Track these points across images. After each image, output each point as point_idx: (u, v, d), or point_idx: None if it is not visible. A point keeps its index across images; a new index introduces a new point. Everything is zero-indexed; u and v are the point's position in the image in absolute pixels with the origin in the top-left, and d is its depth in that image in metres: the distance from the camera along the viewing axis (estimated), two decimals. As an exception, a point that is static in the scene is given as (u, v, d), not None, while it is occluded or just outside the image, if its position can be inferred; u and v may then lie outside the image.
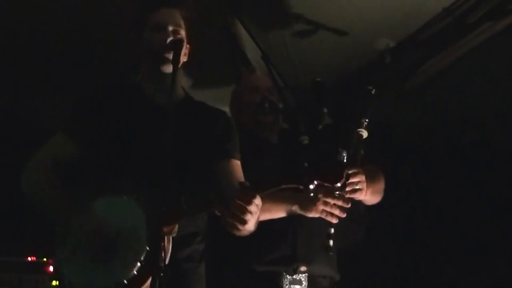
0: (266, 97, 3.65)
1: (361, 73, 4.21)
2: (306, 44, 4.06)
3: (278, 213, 3.31)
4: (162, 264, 2.49)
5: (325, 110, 3.41)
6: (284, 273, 3.36)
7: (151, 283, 2.45)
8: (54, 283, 4.14)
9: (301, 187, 2.69)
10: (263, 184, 2.68)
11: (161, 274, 2.47)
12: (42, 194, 2.92)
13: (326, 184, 2.69)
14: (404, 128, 5.15)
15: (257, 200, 2.65)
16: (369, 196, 3.39)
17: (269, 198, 3.18)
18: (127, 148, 2.91)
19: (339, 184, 2.96)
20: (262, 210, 3.13)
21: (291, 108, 4.01)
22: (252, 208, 2.64)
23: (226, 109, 3.90)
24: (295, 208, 3.29)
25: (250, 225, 2.71)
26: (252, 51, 4.19)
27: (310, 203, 3.26)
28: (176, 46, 2.90)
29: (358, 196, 3.30)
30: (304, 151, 3.44)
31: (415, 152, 5.23)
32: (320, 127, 3.41)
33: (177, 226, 2.72)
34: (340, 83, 4.36)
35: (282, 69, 4.27)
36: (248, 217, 2.65)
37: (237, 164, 3.08)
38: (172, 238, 2.71)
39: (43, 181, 2.93)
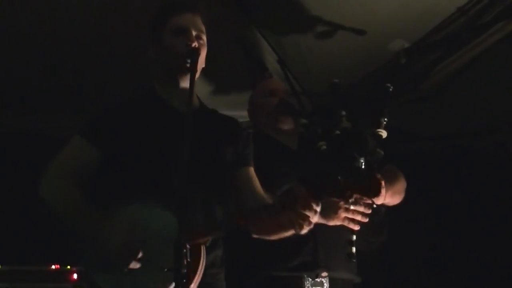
0: (284, 100, 3.67)
1: (376, 75, 4.20)
2: (321, 47, 4.07)
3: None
4: (185, 271, 2.48)
5: (343, 112, 3.40)
6: (305, 276, 3.38)
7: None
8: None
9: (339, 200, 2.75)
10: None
11: (184, 281, 2.46)
12: (62, 201, 2.85)
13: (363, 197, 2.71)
14: (417, 133, 5.13)
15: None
16: (389, 198, 3.40)
17: None
18: (148, 156, 2.88)
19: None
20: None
21: (308, 112, 4.02)
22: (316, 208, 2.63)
23: (245, 113, 3.93)
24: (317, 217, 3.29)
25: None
26: (268, 55, 4.19)
27: (332, 211, 3.25)
28: (194, 54, 2.84)
29: (377, 201, 3.29)
30: (322, 157, 3.44)
31: (427, 158, 5.21)
32: (338, 131, 3.38)
33: (211, 236, 2.74)
34: (356, 86, 4.36)
35: (298, 73, 4.28)
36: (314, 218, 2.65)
37: (253, 171, 3.09)
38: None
39: (63, 188, 2.86)
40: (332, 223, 3.26)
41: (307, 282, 3.38)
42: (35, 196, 2.88)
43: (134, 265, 2.63)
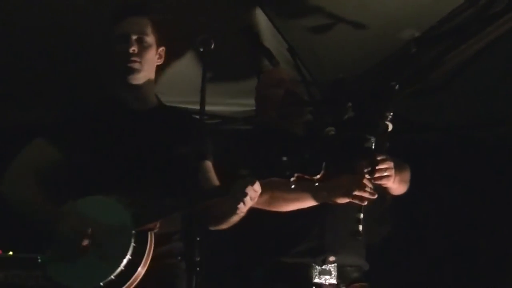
0: (291, 89, 3.68)
1: (386, 65, 4.20)
2: (331, 36, 4.07)
3: (307, 201, 3.35)
4: (198, 259, 2.51)
5: (349, 104, 3.41)
6: (313, 264, 3.39)
7: (188, 277, 2.50)
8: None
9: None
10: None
11: (197, 269, 2.50)
12: (22, 198, 3.00)
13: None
14: (424, 124, 5.14)
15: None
16: (396, 184, 3.46)
17: (297, 187, 3.22)
18: (106, 154, 3.04)
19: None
20: (291, 199, 3.20)
21: (316, 101, 4.03)
22: None
23: (252, 102, 3.94)
24: (324, 196, 3.31)
25: None
26: (277, 44, 4.19)
27: (339, 188, 3.30)
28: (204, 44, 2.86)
29: (386, 183, 3.36)
30: (331, 142, 3.47)
31: (436, 149, 5.22)
32: (347, 117, 3.41)
33: (159, 223, 2.85)
34: (364, 75, 4.36)
35: (308, 62, 4.28)
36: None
37: (210, 165, 3.25)
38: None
39: (24, 185, 3.01)
40: (340, 201, 3.31)
41: (315, 270, 3.40)
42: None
43: (84, 248, 2.76)
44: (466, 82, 4.47)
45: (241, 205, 2.76)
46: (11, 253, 4.80)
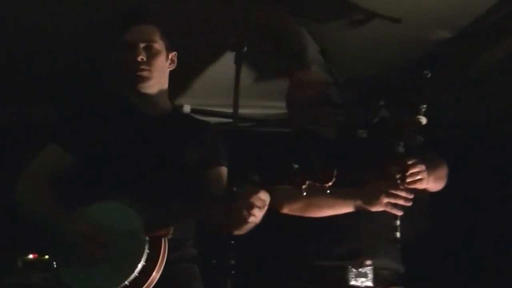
0: (322, 91, 3.68)
1: (418, 64, 4.17)
2: (362, 36, 4.06)
3: (342, 208, 3.38)
4: (233, 262, 2.52)
5: (382, 102, 3.40)
6: (349, 267, 3.38)
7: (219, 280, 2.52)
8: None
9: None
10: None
11: (232, 272, 2.51)
12: (34, 205, 3.00)
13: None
14: (460, 121, 5.09)
15: None
16: (432, 183, 3.44)
17: (332, 194, 3.22)
18: (118, 159, 3.04)
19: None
20: (326, 206, 3.21)
21: (348, 102, 4.02)
22: None
23: (283, 104, 3.95)
24: (359, 203, 3.33)
25: None
26: (309, 46, 4.19)
27: (374, 196, 3.28)
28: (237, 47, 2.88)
29: (419, 186, 3.34)
30: (362, 145, 3.46)
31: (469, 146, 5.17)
32: (377, 119, 3.40)
33: (172, 228, 2.84)
34: (395, 74, 4.34)
35: (339, 63, 4.28)
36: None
37: (223, 170, 3.23)
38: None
39: (35, 192, 3.01)
40: (374, 208, 3.32)
41: (351, 273, 3.39)
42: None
43: (97, 254, 2.77)
44: (503, 79, 4.43)
45: (246, 214, 2.74)
46: (47, 256, 4.85)
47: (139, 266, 2.73)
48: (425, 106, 3.27)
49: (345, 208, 3.37)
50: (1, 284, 4.67)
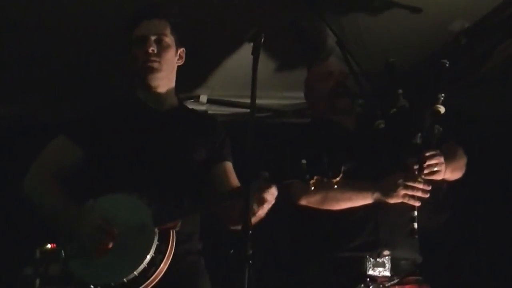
0: (340, 82, 3.70)
1: (436, 55, 4.16)
2: (380, 27, 4.07)
3: (360, 201, 3.41)
4: (250, 253, 2.53)
5: (400, 91, 3.40)
6: (367, 257, 3.40)
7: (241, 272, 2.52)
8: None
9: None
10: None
11: (250, 262, 2.51)
12: (43, 197, 3.04)
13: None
14: (478, 116, 5.07)
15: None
16: (449, 174, 3.46)
17: (350, 187, 3.25)
18: (126, 152, 3.08)
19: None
20: (344, 199, 3.23)
21: (366, 93, 4.02)
22: None
23: (302, 95, 3.95)
24: (377, 195, 3.34)
25: None
26: (327, 37, 4.19)
27: (391, 188, 3.29)
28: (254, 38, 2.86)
29: (437, 177, 3.34)
30: (381, 135, 3.46)
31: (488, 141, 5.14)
32: (395, 110, 3.40)
33: (180, 222, 2.88)
34: (415, 66, 4.33)
35: (357, 54, 4.27)
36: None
37: (230, 166, 3.28)
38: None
39: (44, 184, 3.06)
40: (392, 200, 3.35)
41: (369, 262, 3.42)
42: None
43: (107, 245, 2.81)
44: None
45: (256, 208, 2.78)
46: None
47: (148, 257, 2.77)
48: (443, 95, 3.28)
49: (363, 201, 3.39)
50: (20, 274, 4.70)
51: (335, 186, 2.77)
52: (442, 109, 3.29)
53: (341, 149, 3.47)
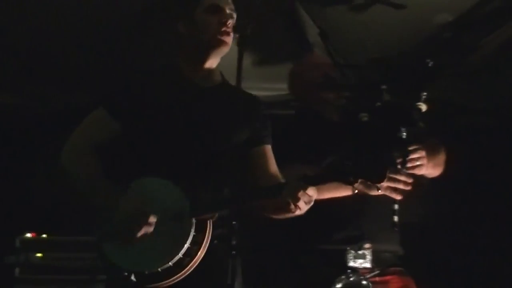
0: (325, 74, 3.70)
1: (420, 49, 4.18)
2: (363, 20, 4.07)
3: (342, 192, 3.39)
4: (234, 242, 2.54)
5: (384, 86, 3.42)
6: (348, 249, 3.44)
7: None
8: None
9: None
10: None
11: (233, 253, 2.53)
12: (84, 173, 2.98)
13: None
14: (464, 108, 5.10)
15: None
16: (430, 169, 3.49)
17: None
18: (166, 129, 2.98)
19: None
20: (325, 189, 3.25)
21: (351, 85, 4.04)
22: None
23: (285, 86, 3.96)
24: (359, 187, 3.34)
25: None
26: (309, 28, 4.20)
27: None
28: (242, 29, 2.91)
29: (419, 172, 3.38)
30: (364, 128, 3.49)
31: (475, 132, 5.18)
32: (379, 104, 3.42)
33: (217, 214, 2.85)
34: (398, 59, 4.34)
35: (340, 46, 4.29)
36: None
37: (270, 149, 3.19)
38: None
39: (85, 159, 2.99)
40: (374, 193, 3.32)
41: (350, 254, 3.44)
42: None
43: (143, 234, 2.74)
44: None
45: (292, 208, 2.75)
46: (45, 235, 4.88)
47: (184, 248, 2.73)
48: (425, 93, 3.31)
49: (344, 192, 3.40)
50: (1, 263, 4.70)
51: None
52: (423, 107, 3.32)
53: (326, 141, 3.50)
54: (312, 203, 2.78)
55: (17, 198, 5.23)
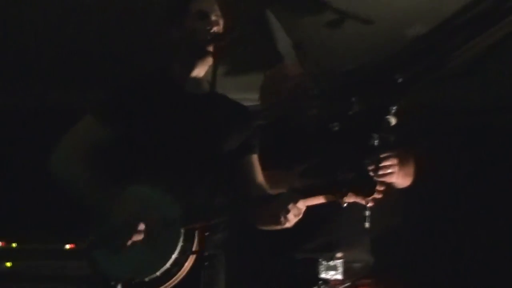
0: (298, 84, 3.72)
1: (392, 60, 4.22)
2: (336, 32, 4.09)
3: (312, 200, 3.36)
4: (206, 254, 2.54)
5: (354, 99, 3.45)
6: (320, 260, 3.42)
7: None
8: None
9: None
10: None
11: (205, 263, 2.52)
12: (73, 178, 2.94)
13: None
14: (449, 111, 5.14)
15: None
16: (400, 179, 3.50)
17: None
18: (157, 137, 2.95)
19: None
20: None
21: (322, 95, 4.06)
22: None
23: (256, 96, 3.97)
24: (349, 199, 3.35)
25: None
26: (282, 39, 4.22)
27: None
28: (220, 39, 2.91)
29: (390, 179, 3.39)
30: (335, 137, 3.50)
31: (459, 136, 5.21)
32: (351, 112, 3.44)
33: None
34: (370, 71, 4.38)
35: (313, 57, 4.32)
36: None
37: (257, 159, 3.16)
38: None
39: (75, 164, 2.95)
40: (345, 200, 3.31)
41: (322, 266, 3.44)
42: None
43: (133, 242, 2.71)
44: (491, 67, 4.48)
45: (282, 220, 2.75)
46: (14, 245, 4.83)
47: (172, 258, 2.70)
48: (395, 107, 3.33)
49: (316, 199, 3.40)
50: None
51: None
52: (393, 121, 3.35)
53: (298, 150, 3.51)
54: (300, 216, 2.78)
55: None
